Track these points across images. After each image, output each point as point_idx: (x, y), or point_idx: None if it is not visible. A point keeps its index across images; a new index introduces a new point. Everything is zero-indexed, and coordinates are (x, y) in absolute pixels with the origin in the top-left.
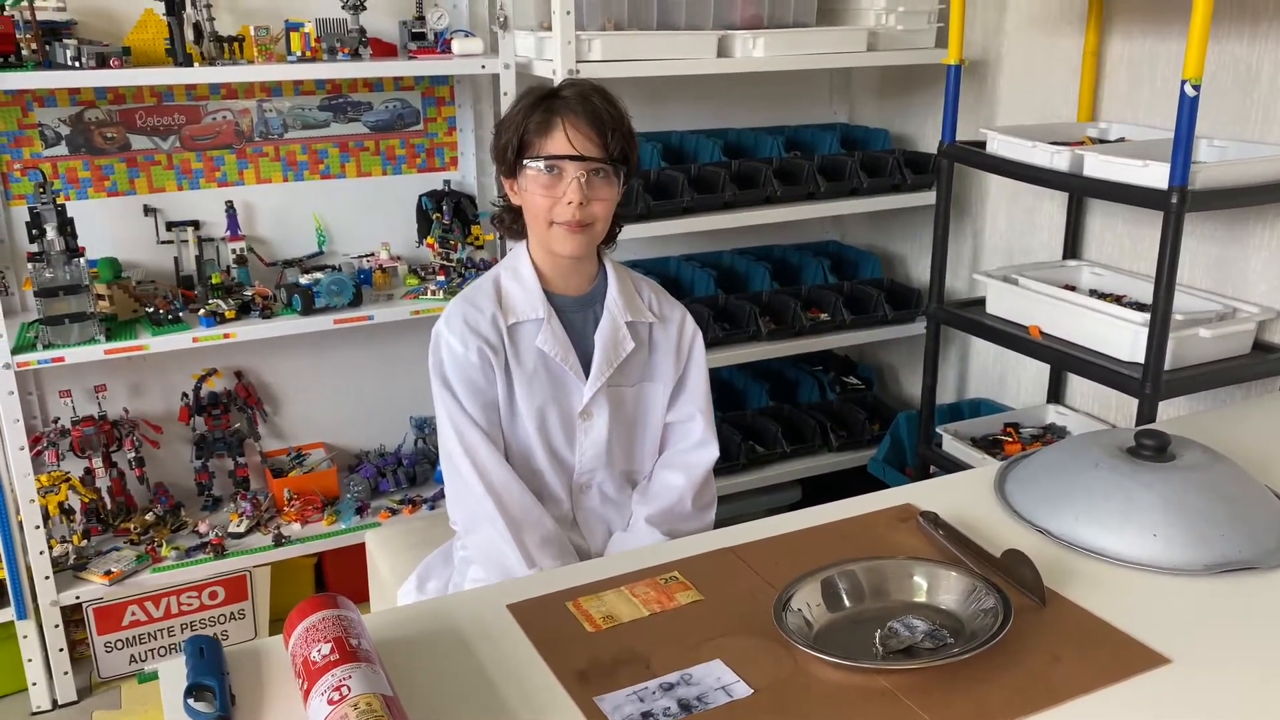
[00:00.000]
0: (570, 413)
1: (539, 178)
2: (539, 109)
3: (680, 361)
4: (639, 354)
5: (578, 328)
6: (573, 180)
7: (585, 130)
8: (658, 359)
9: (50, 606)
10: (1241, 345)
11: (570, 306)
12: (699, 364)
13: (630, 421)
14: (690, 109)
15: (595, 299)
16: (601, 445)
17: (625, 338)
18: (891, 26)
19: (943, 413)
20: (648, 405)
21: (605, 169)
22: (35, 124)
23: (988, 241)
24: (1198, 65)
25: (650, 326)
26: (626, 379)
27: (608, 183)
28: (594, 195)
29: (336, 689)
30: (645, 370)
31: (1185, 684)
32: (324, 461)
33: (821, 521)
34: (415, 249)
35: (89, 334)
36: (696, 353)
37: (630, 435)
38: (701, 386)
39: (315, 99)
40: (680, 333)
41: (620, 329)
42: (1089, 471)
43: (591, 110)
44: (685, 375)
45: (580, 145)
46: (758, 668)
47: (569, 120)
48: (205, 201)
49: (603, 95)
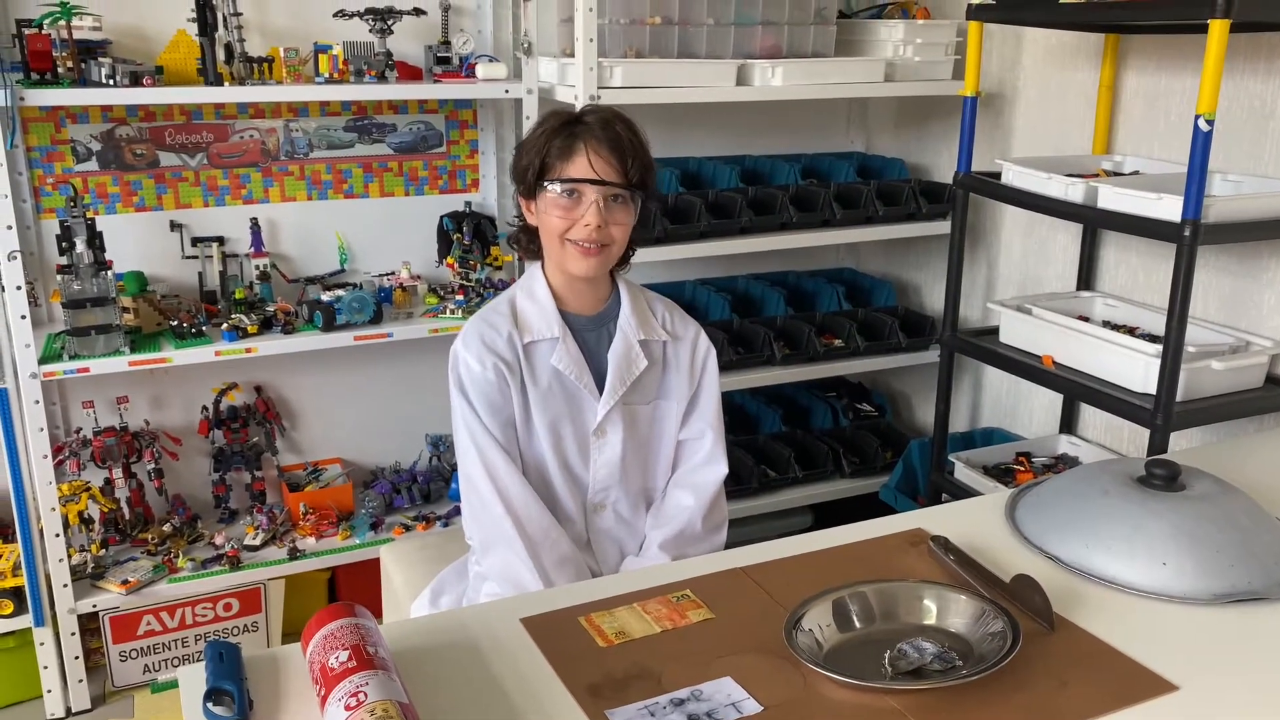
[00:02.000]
0: (585, 431)
1: (559, 200)
2: (562, 133)
3: (694, 378)
4: (652, 372)
5: (591, 346)
6: (591, 204)
7: (606, 156)
8: (671, 376)
9: (67, 614)
10: (1254, 379)
11: (584, 325)
12: (712, 380)
13: (644, 439)
14: (709, 136)
15: (609, 318)
16: (615, 464)
17: (638, 356)
18: (909, 58)
19: (955, 441)
20: (662, 423)
21: (624, 194)
22: (68, 140)
23: (1002, 272)
24: (1211, 100)
25: (664, 344)
26: (640, 397)
27: (625, 208)
28: (612, 219)
29: (354, 695)
30: (659, 388)
31: (1191, 712)
32: (340, 477)
33: (833, 544)
34: (435, 269)
35: (114, 346)
36: (710, 369)
37: (645, 453)
38: (713, 403)
39: (341, 120)
40: (694, 350)
41: (633, 347)
42: (1099, 499)
43: (613, 136)
44: (698, 392)
45: (601, 170)
46: (767, 686)
47: (591, 145)
48: (230, 218)
49: (625, 123)
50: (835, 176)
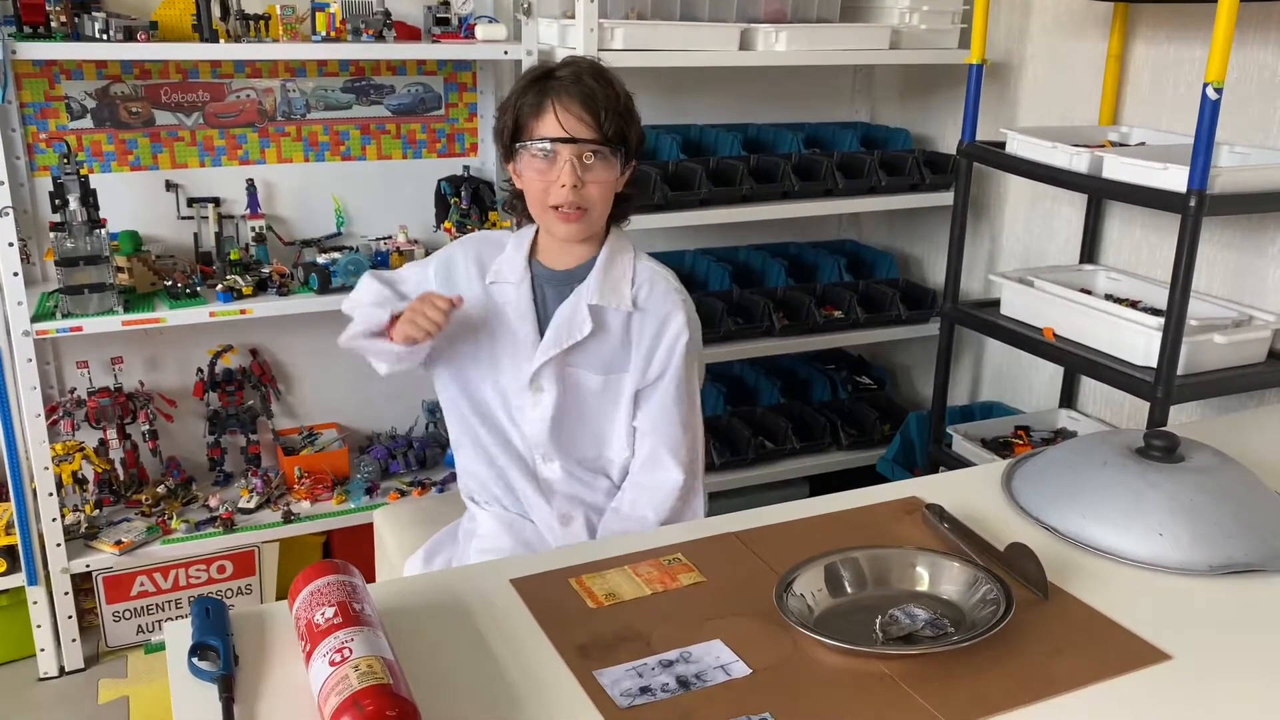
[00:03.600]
0: (519, 380)
1: (533, 161)
2: (532, 90)
3: (650, 359)
4: (607, 342)
5: (549, 301)
6: (566, 163)
7: (577, 111)
8: (631, 351)
9: (60, 574)
10: (1257, 353)
11: (549, 279)
12: (676, 370)
13: (591, 409)
14: (711, 103)
15: (577, 278)
16: (547, 422)
17: (584, 320)
18: (915, 25)
19: (954, 414)
20: (614, 396)
21: (601, 150)
22: (62, 96)
23: (1005, 245)
24: (1220, 68)
25: (628, 315)
26: (589, 363)
27: (605, 164)
28: (589, 178)
29: (339, 651)
30: (615, 361)
31: (1184, 681)
32: (335, 441)
33: (827, 511)
34: (432, 233)
35: (107, 305)
36: (677, 356)
37: (588, 423)
38: (670, 397)
39: (338, 80)
40: (662, 330)
41: (580, 311)
42: (1097, 470)
43: (584, 91)
44: (659, 379)
45: (571, 127)
46: (757, 649)
47: (560, 102)
48: (226, 179)
49: (597, 74)
50: (839, 146)
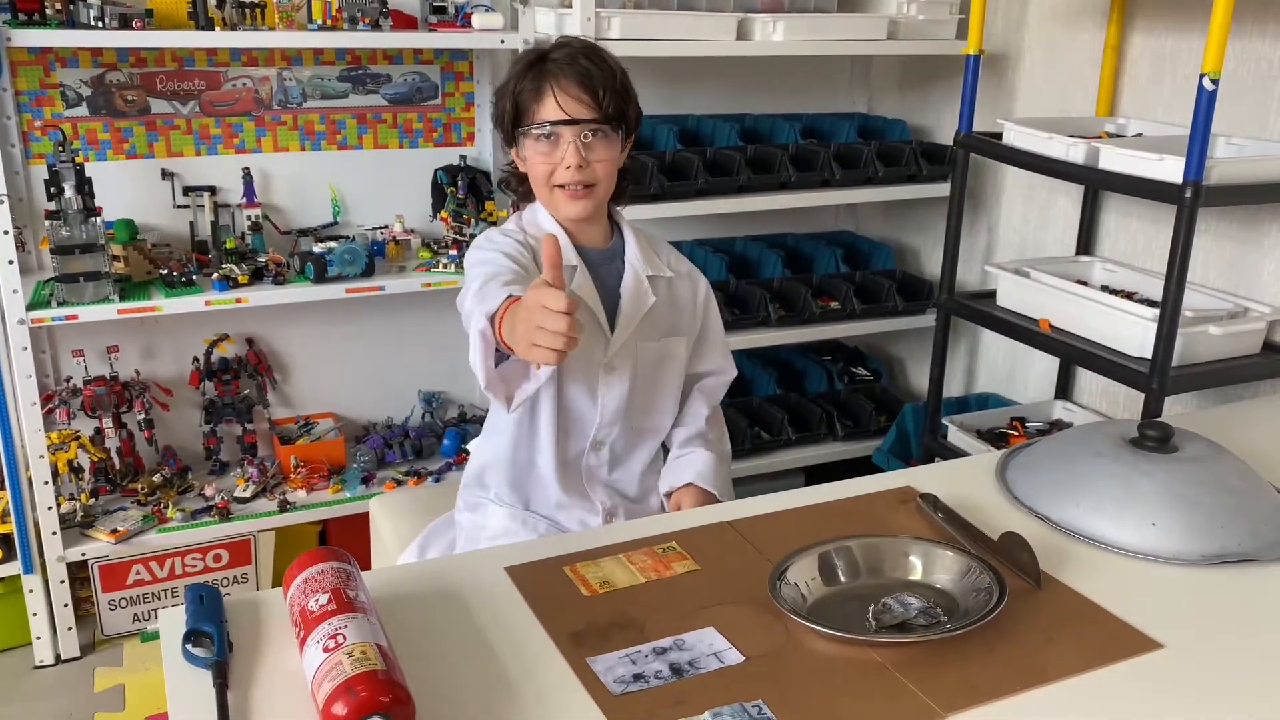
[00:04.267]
0: (594, 366)
1: (537, 145)
2: (529, 74)
3: (697, 315)
4: (657, 309)
5: (604, 280)
6: (569, 144)
7: (576, 93)
8: (679, 314)
9: (56, 562)
10: (1252, 345)
11: (597, 259)
12: (715, 315)
13: (651, 377)
14: (708, 93)
15: (616, 253)
16: (623, 399)
17: (647, 291)
18: (913, 16)
19: (950, 406)
20: (668, 360)
21: (602, 129)
22: (57, 84)
23: (1002, 236)
24: (1217, 59)
25: (669, 281)
26: (650, 333)
27: (607, 142)
28: (593, 156)
29: (332, 637)
30: (669, 325)
31: (1176, 669)
32: (332, 431)
33: (821, 500)
34: (429, 223)
35: (103, 293)
36: (711, 305)
37: (650, 390)
38: (721, 335)
39: (335, 69)
40: (694, 286)
41: (642, 282)
42: (1090, 460)
43: (581, 71)
44: (705, 329)
45: (571, 109)
46: (750, 636)
47: (558, 84)
48: (222, 168)
49: (592, 54)
50: (836, 136)
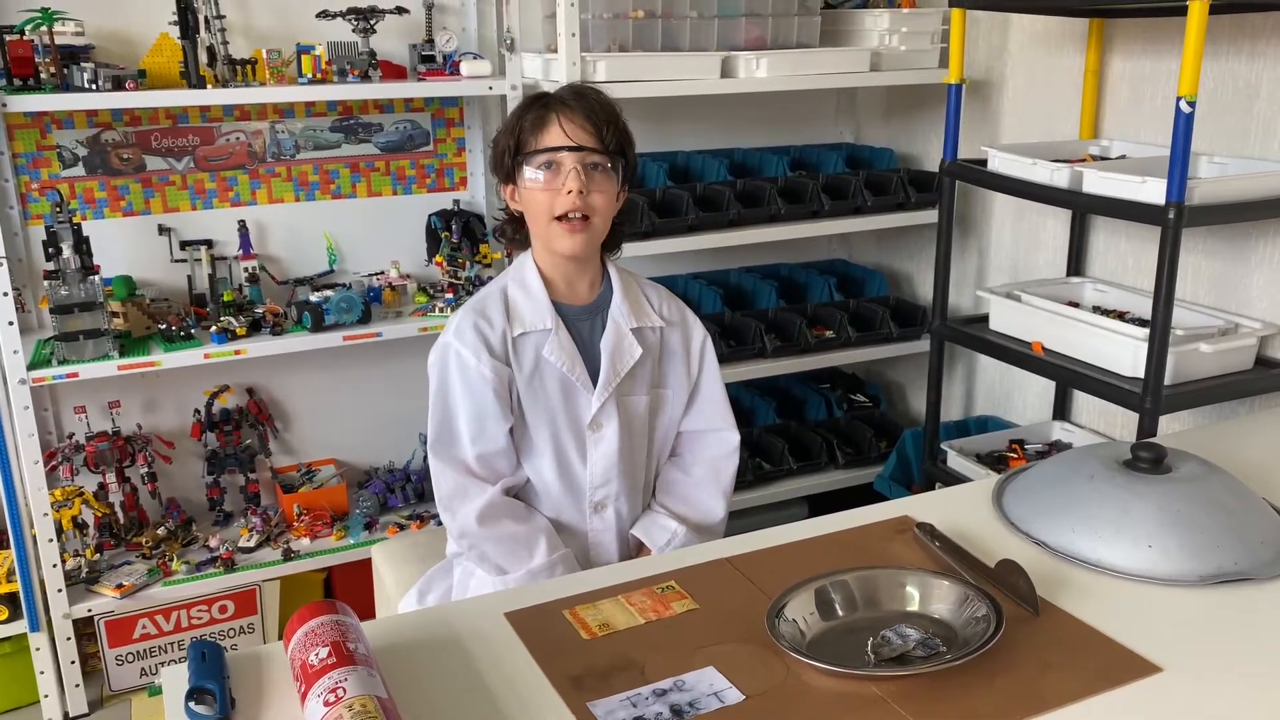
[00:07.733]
0: (580, 425)
1: (537, 174)
2: (533, 108)
3: (691, 366)
4: (647, 361)
5: (585, 337)
6: (571, 171)
7: (580, 123)
8: (668, 365)
9: (62, 619)
10: (1243, 361)
11: (577, 315)
12: (712, 367)
13: (641, 431)
14: (696, 129)
15: (601, 306)
16: (613, 457)
17: (632, 345)
18: (895, 47)
19: (949, 430)
20: (660, 413)
21: (603, 162)
22: (53, 145)
23: (992, 260)
24: (1192, 83)
25: (660, 331)
26: (636, 388)
27: (606, 176)
28: (593, 188)
29: (333, 691)
30: (657, 377)
31: (1175, 692)
32: (334, 477)
33: (819, 533)
34: (424, 267)
35: (103, 350)
36: (709, 357)
37: (642, 445)
38: (720, 389)
39: (327, 120)
40: (689, 337)
41: (625, 337)
42: (1085, 483)
43: (586, 105)
44: (701, 381)
45: (576, 136)
46: (750, 675)
47: (564, 114)
48: (218, 221)
49: (597, 93)
50: (824, 167)
